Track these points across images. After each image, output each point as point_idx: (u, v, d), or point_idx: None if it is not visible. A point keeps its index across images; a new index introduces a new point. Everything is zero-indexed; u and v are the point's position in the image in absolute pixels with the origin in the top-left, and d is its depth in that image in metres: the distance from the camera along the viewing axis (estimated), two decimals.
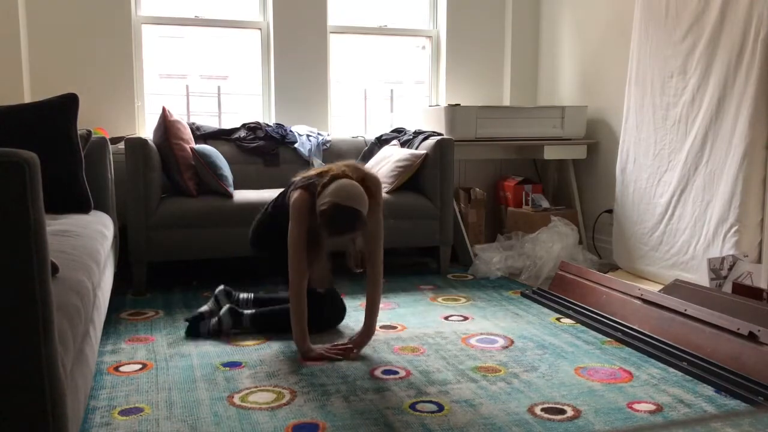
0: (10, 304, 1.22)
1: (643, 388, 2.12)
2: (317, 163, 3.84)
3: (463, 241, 3.97)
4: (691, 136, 3.23)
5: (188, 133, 3.58)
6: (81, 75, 3.89)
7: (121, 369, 2.28)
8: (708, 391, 2.10)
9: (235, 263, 3.60)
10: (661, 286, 3.03)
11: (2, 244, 1.20)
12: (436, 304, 3.12)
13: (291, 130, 4.04)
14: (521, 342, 2.58)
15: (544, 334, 2.67)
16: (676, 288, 2.83)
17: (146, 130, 4.07)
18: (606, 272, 3.48)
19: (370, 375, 2.23)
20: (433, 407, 1.97)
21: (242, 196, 3.43)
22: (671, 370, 2.28)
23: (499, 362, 2.35)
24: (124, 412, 1.93)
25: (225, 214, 3.31)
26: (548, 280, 3.47)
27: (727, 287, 2.84)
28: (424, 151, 3.72)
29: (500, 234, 4.13)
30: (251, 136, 3.94)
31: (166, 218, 3.27)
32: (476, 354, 2.44)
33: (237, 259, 3.44)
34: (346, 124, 4.52)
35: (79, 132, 2.87)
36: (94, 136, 3.11)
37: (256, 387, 2.12)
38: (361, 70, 4.57)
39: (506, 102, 4.67)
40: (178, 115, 3.64)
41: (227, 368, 2.28)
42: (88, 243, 2.20)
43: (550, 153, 4.08)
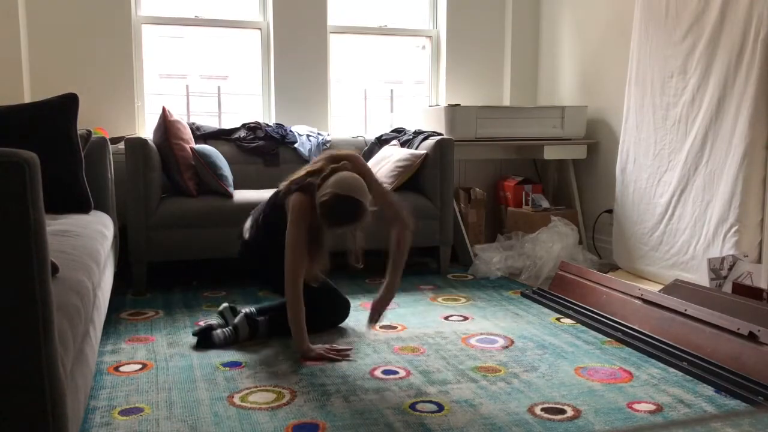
0: (10, 304, 1.22)
1: (643, 388, 2.12)
2: None
3: (463, 241, 3.97)
4: (691, 136, 3.23)
5: (188, 133, 3.58)
6: (81, 75, 3.89)
7: (121, 369, 2.28)
8: (708, 391, 2.09)
9: (235, 263, 3.58)
10: (661, 286, 3.03)
11: (2, 244, 1.20)
12: (436, 304, 3.12)
13: (291, 130, 4.04)
14: (521, 342, 2.58)
15: (544, 334, 2.67)
16: (676, 288, 2.83)
17: (146, 130, 4.07)
18: (606, 272, 3.48)
19: (370, 375, 2.23)
20: (433, 407, 1.97)
21: (242, 196, 3.43)
22: (671, 370, 2.28)
23: (499, 362, 2.35)
24: (124, 412, 1.93)
25: (225, 214, 3.31)
26: (548, 280, 3.47)
27: (727, 287, 2.84)
28: (424, 151, 3.72)
29: (500, 234, 4.13)
30: (251, 136, 3.94)
31: (166, 218, 3.27)
32: (476, 354, 2.44)
33: (237, 259, 3.43)
34: (346, 124, 4.52)
35: (79, 132, 2.87)
36: (94, 136, 3.11)
37: (256, 387, 2.12)
38: (361, 70, 4.57)
39: (506, 102, 4.67)
40: (178, 115, 3.64)
41: (227, 368, 2.28)
42: (88, 243, 2.20)
43: (550, 153, 4.08)
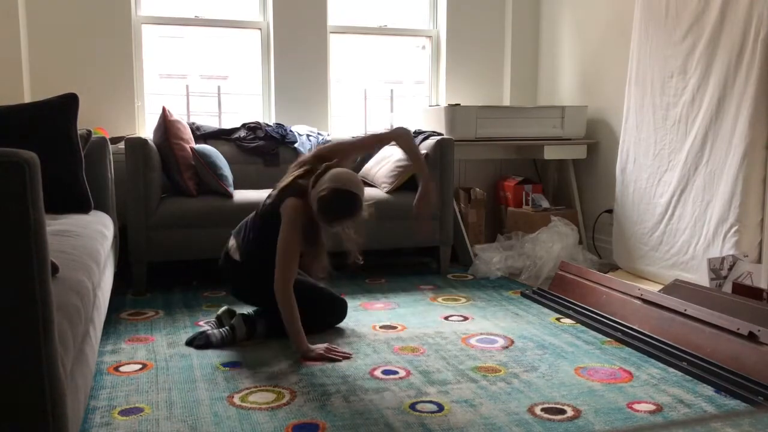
0: (10, 304, 1.22)
1: (643, 388, 2.12)
2: None
3: (463, 241, 3.97)
4: (691, 136, 3.23)
5: (188, 133, 3.57)
6: (81, 75, 3.89)
7: (121, 369, 2.28)
8: (708, 391, 2.09)
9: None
10: (661, 286, 3.03)
11: (2, 244, 1.20)
12: (436, 304, 3.12)
13: (291, 130, 4.04)
14: (521, 342, 2.58)
15: (544, 334, 2.67)
16: (676, 288, 2.83)
17: (146, 130, 4.07)
18: (606, 272, 3.48)
19: (370, 375, 2.23)
20: (433, 407, 1.97)
21: (242, 196, 3.43)
22: (671, 370, 2.28)
23: (499, 362, 2.35)
24: (124, 412, 1.93)
25: (225, 214, 3.31)
26: (548, 280, 3.47)
27: (727, 287, 2.84)
28: (424, 151, 3.71)
29: (500, 234, 4.13)
30: (251, 136, 3.94)
31: (166, 218, 3.27)
32: (476, 354, 2.44)
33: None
34: (346, 124, 4.51)
35: (79, 132, 2.87)
36: (94, 136, 3.11)
37: (256, 387, 2.12)
38: (361, 70, 4.57)
39: (506, 102, 4.67)
40: (178, 115, 3.64)
41: (227, 368, 2.28)
42: (88, 243, 2.20)
43: (550, 153, 4.08)
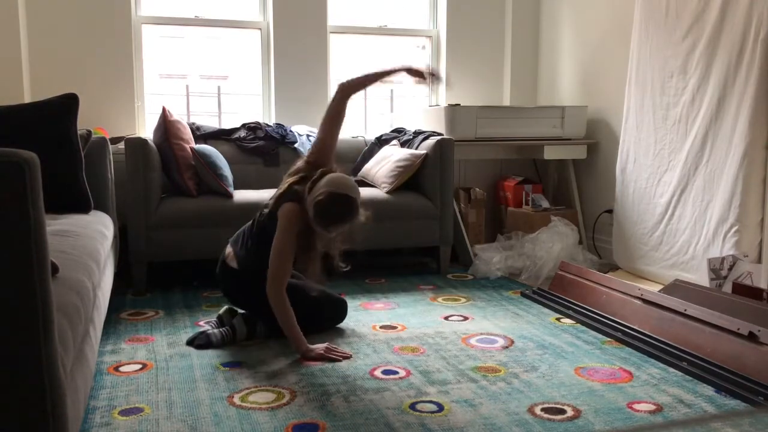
0: (10, 304, 1.22)
1: (643, 388, 2.12)
2: None
3: (463, 241, 3.97)
4: (691, 136, 3.23)
5: (188, 133, 3.57)
6: (81, 75, 3.89)
7: (121, 369, 2.28)
8: (708, 391, 2.09)
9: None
10: (661, 286, 3.03)
11: (2, 244, 1.20)
12: (436, 304, 3.12)
13: (291, 130, 4.04)
14: (521, 342, 2.58)
15: (544, 334, 2.67)
16: (676, 288, 2.83)
17: (146, 130, 4.07)
18: (606, 272, 3.48)
19: (370, 375, 2.23)
20: (433, 407, 1.97)
21: (242, 196, 3.43)
22: (671, 370, 2.28)
23: (499, 362, 2.35)
24: (124, 412, 1.93)
25: (225, 214, 3.31)
26: (548, 280, 3.47)
27: (727, 287, 2.84)
28: (424, 151, 3.72)
29: (500, 234, 4.13)
30: (251, 136, 3.94)
31: (166, 218, 3.27)
32: (476, 354, 2.44)
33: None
34: (346, 124, 4.50)
35: (79, 132, 2.87)
36: (94, 136, 3.11)
37: (256, 387, 2.12)
38: (361, 70, 4.55)
39: (506, 102, 4.67)
40: (178, 115, 3.64)
41: (227, 368, 2.28)
42: (88, 243, 2.20)
43: (550, 153, 4.08)
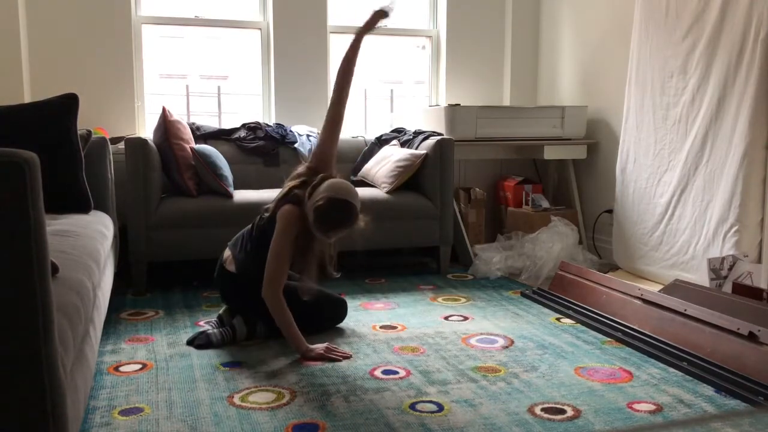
0: (10, 304, 1.22)
1: (643, 388, 2.12)
2: None
3: (463, 241, 3.97)
4: (691, 136, 3.23)
5: (188, 133, 3.57)
6: (81, 75, 3.89)
7: (121, 369, 2.28)
8: (708, 391, 2.09)
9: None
10: (661, 286, 3.03)
11: (2, 244, 1.20)
12: (436, 304, 3.12)
13: (291, 130, 4.04)
14: (521, 342, 2.58)
15: (544, 334, 2.67)
16: (676, 288, 2.83)
17: (146, 130, 4.07)
18: (606, 272, 3.48)
19: (370, 375, 2.23)
20: (433, 407, 1.97)
21: (242, 196, 3.43)
22: (671, 370, 2.28)
23: (499, 362, 2.35)
24: (124, 412, 1.93)
25: (225, 214, 3.31)
26: (548, 280, 3.47)
27: (727, 287, 2.84)
28: (424, 151, 3.72)
29: (500, 234, 4.13)
30: (251, 136, 3.94)
31: (166, 218, 3.27)
32: (476, 354, 2.44)
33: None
34: (346, 124, 4.50)
35: (79, 132, 2.87)
36: (94, 136, 3.11)
37: (256, 387, 2.12)
38: (361, 70, 4.56)
39: (506, 102, 4.67)
40: (178, 115, 3.64)
41: (227, 368, 2.28)
42: (88, 243, 2.20)
43: (550, 153, 4.08)
